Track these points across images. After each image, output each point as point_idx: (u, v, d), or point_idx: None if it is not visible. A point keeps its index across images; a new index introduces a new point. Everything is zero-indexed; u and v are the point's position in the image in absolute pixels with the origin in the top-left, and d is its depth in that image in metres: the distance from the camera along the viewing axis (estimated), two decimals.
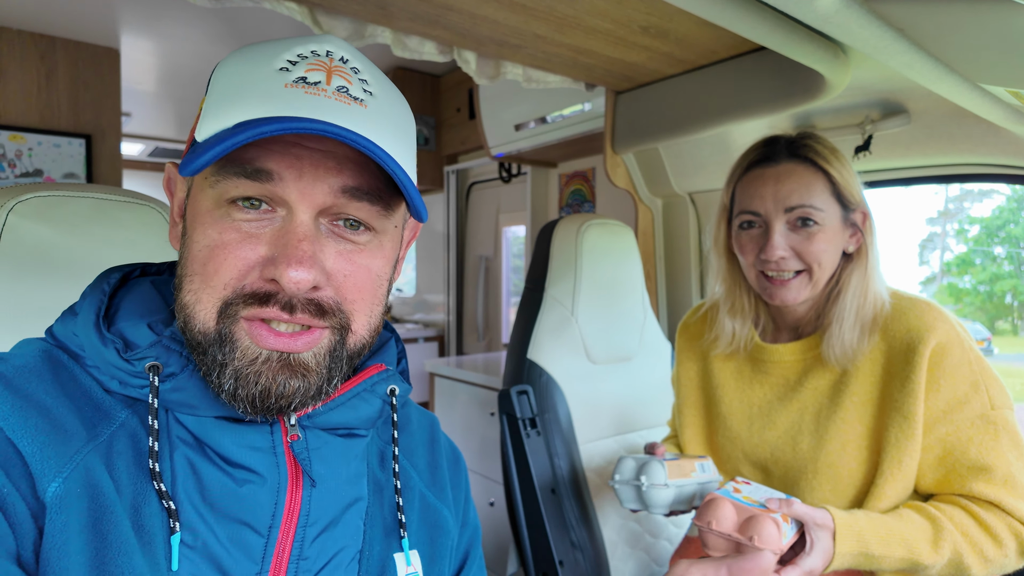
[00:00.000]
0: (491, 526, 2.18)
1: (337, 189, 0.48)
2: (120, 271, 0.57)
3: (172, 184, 0.57)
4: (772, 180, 0.98)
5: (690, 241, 1.80)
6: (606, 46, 1.31)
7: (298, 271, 0.46)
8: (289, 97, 0.46)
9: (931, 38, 0.77)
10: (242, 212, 0.48)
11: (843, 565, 0.86)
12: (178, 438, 0.51)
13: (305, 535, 0.52)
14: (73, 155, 2.66)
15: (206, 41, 2.71)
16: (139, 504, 0.47)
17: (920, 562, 0.86)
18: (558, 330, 1.39)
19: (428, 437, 0.70)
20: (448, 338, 3.37)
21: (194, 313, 0.49)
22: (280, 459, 0.52)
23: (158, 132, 4.21)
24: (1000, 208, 7.44)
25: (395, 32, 1.25)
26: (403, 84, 3.14)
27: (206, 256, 0.48)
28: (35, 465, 0.44)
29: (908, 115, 1.26)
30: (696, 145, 1.63)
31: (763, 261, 0.99)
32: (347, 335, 0.52)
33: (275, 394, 0.48)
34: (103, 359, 0.50)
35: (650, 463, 0.98)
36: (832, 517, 0.86)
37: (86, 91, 2.69)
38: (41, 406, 0.47)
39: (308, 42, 0.50)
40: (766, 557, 0.79)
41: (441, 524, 0.65)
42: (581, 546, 1.26)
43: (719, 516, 0.84)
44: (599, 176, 2.57)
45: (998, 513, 0.88)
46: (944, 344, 0.92)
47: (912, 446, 0.91)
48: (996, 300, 7.64)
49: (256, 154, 0.47)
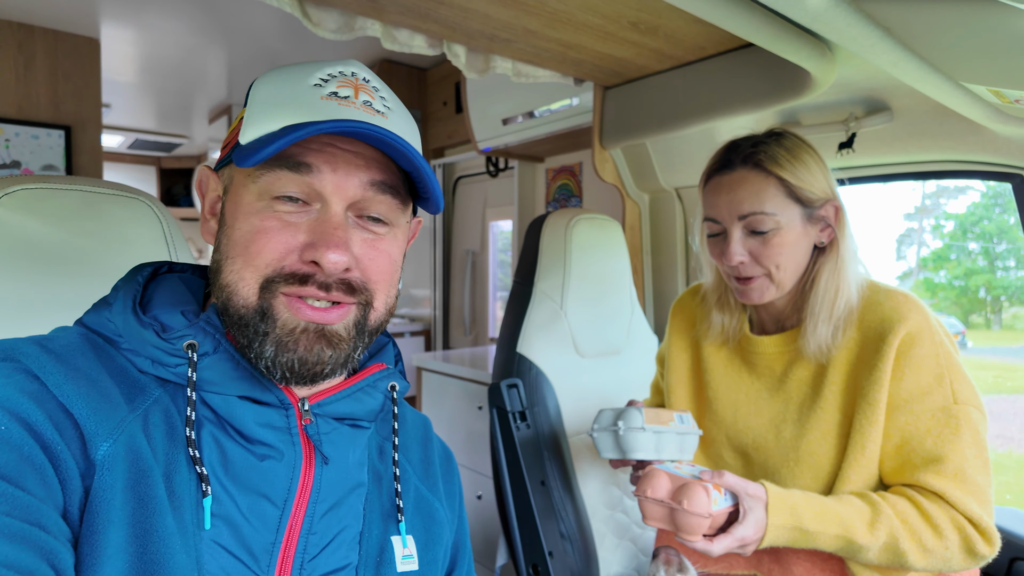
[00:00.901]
0: (479, 519, 2.19)
1: (366, 183, 0.56)
2: (151, 266, 0.63)
3: (204, 185, 0.63)
4: (726, 188, 1.01)
5: (676, 236, 1.82)
6: (595, 41, 1.32)
7: (336, 253, 0.53)
8: (325, 107, 0.55)
9: (916, 37, 0.79)
10: (283, 204, 0.55)
11: (780, 539, 0.89)
12: (204, 417, 0.55)
13: (315, 511, 0.58)
14: (52, 147, 2.60)
15: (188, 32, 2.67)
16: (171, 472, 0.52)
17: (854, 541, 0.88)
18: (547, 324, 1.40)
19: (422, 436, 0.76)
20: (434, 332, 3.37)
21: (237, 290, 0.55)
22: (296, 439, 0.58)
23: (139, 124, 4.14)
24: (975, 204, 7.59)
25: (385, 25, 1.25)
26: (389, 77, 3.11)
27: (249, 240, 0.54)
28: (88, 427, 0.49)
29: (891, 112, 1.29)
30: (683, 140, 1.64)
31: (726, 265, 1.02)
32: (369, 311, 0.59)
33: (311, 362, 0.55)
34: (141, 340, 0.55)
35: (627, 409, 1.02)
36: (766, 490, 0.90)
37: (65, 81, 2.64)
38: (89, 377, 0.51)
39: (336, 64, 0.59)
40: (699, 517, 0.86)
41: (434, 515, 0.70)
42: (570, 537, 1.28)
43: (654, 485, 0.91)
44: (586, 171, 2.58)
45: (943, 505, 0.89)
46: (913, 334, 0.93)
47: (874, 433, 0.93)
48: (970, 295, 7.81)
49: (297, 152, 0.54)
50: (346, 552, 0.59)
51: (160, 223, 0.90)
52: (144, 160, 4.90)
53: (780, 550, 1.01)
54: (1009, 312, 7.65)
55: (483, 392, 2.15)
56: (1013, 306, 7.55)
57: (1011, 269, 7.38)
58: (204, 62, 3.08)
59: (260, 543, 0.54)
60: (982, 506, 0.88)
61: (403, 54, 3.03)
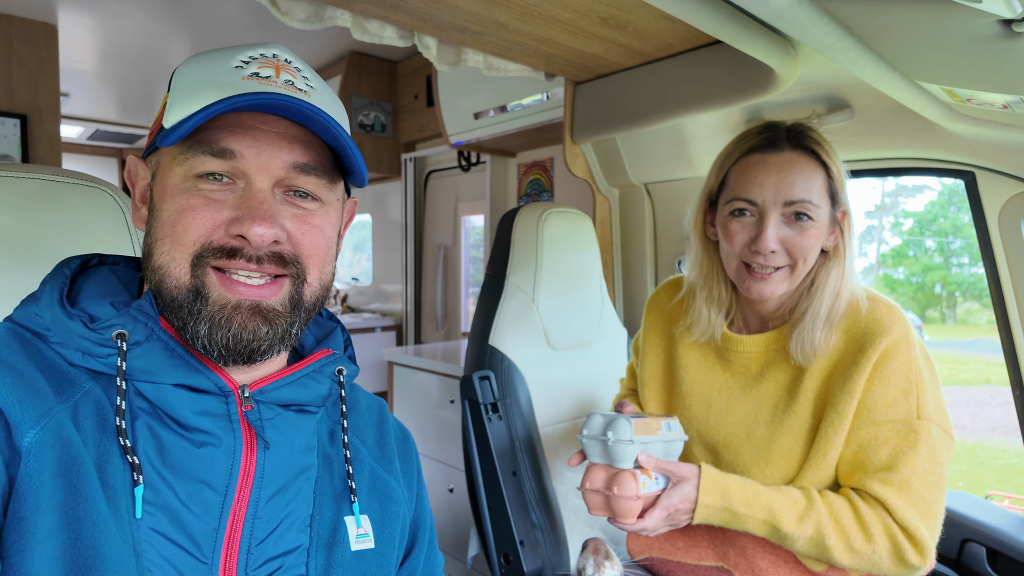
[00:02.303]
0: (451, 512, 2.19)
1: (289, 165, 0.56)
2: (79, 259, 0.61)
3: (133, 174, 0.63)
4: (775, 169, 0.94)
5: (645, 230, 1.84)
6: (566, 36, 1.33)
7: (262, 227, 0.53)
8: (246, 86, 0.55)
9: (875, 36, 0.81)
10: (207, 183, 0.55)
11: (710, 518, 0.95)
12: (138, 408, 0.55)
13: (260, 496, 0.58)
14: (7, 135, 2.51)
15: (150, 19, 2.60)
16: (103, 463, 0.51)
17: (780, 529, 0.91)
18: (519, 317, 1.41)
19: (377, 418, 0.76)
20: (406, 327, 3.36)
21: (168, 271, 0.54)
22: (235, 425, 0.57)
23: (99, 114, 4.02)
24: (931, 203, 7.84)
25: (355, 15, 1.23)
26: (359, 69, 3.08)
27: (175, 219, 0.54)
28: (13, 416, 0.48)
29: (851, 110, 1.32)
30: (652, 137, 1.67)
31: (752, 252, 0.96)
32: (303, 286, 0.59)
33: (246, 339, 0.55)
34: (69, 332, 0.54)
35: (617, 420, 1.00)
36: (700, 471, 0.97)
37: (21, 68, 2.55)
38: (16, 368, 0.51)
39: (256, 47, 0.59)
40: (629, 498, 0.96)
41: (390, 494, 0.70)
42: (541, 526, 1.29)
43: (592, 478, 1.01)
44: (557, 166, 2.59)
45: (880, 511, 0.90)
46: (892, 346, 0.92)
47: (838, 441, 0.94)
48: (927, 290, 8.07)
49: (220, 135, 0.54)
50: (295, 535, 0.60)
51: (122, 213, 0.88)
52: (105, 151, 4.76)
53: (745, 543, 1.03)
54: (963, 307, 7.96)
55: (455, 386, 2.15)
56: (967, 301, 7.85)
57: (965, 266, 7.67)
58: (167, 51, 3.00)
59: (202, 529, 0.54)
60: (922, 519, 0.88)
61: (373, 46, 3.00)
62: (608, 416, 1.03)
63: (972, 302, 7.77)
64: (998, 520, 1.24)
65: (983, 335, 7.41)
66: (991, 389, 6.19)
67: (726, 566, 1.06)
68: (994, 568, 1.20)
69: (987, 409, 5.94)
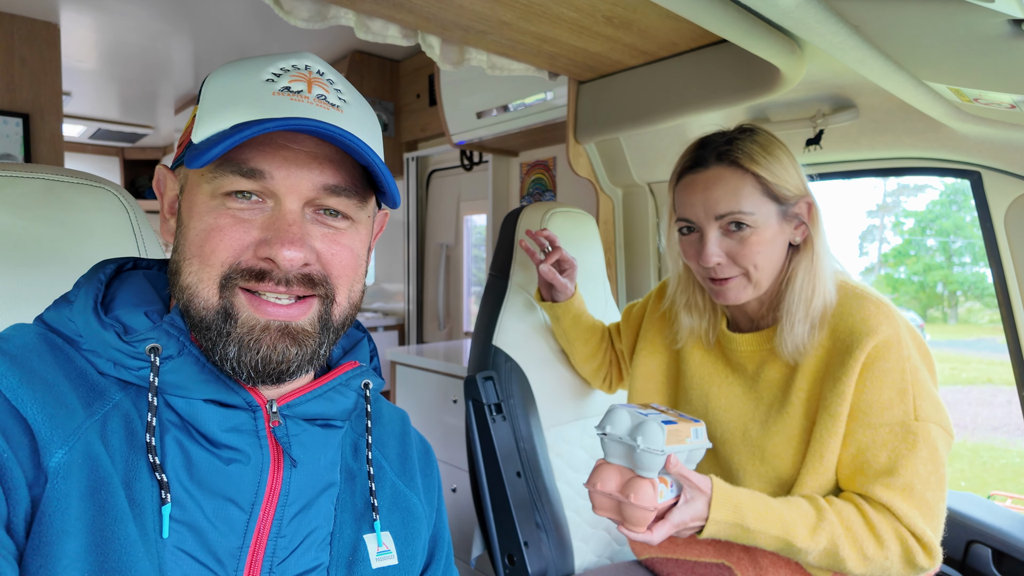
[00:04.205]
0: (454, 512, 2.19)
1: (319, 186, 0.55)
2: (114, 263, 0.61)
3: (162, 184, 0.62)
4: (701, 187, 0.98)
5: (649, 230, 1.84)
6: (570, 35, 1.33)
7: (291, 250, 0.52)
8: (277, 103, 0.53)
9: (883, 35, 0.81)
10: (235, 201, 0.54)
11: (720, 533, 0.91)
12: (168, 421, 0.54)
13: (284, 514, 0.57)
14: (9, 135, 2.51)
15: (152, 19, 2.60)
16: (130, 479, 0.50)
17: (794, 544, 0.89)
18: (523, 317, 1.41)
19: (399, 431, 0.75)
20: (408, 327, 3.35)
21: (196, 292, 0.54)
22: (263, 441, 0.56)
23: (101, 113, 4.02)
24: (933, 203, 7.82)
25: (358, 14, 1.23)
26: (362, 68, 3.08)
27: (203, 239, 0.53)
28: (42, 434, 0.47)
29: (857, 110, 1.32)
30: (656, 136, 1.66)
31: (700, 266, 1.00)
32: (332, 306, 0.58)
33: (275, 360, 0.54)
34: (102, 341, 0.53)
35: (648, 424, 0.88)
36: (712, 485, 0.91)
37: (23, 67, 2.54)
38: (46, 381, 0.50)
39: (288, 58, 0.57)
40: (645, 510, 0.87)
41: (411, 509, 0.69)
42: (545, 527, 1.29)
43: (603, 478, 0.91)
44: (560, 165, 2.59)
45: (888, 516, 0.89)
46: (880, 347, 0.92)
47: (833, 444, 0.93)
48: (928, 290, 8.05)
49: (249, 155, 0.53)
50: (316, 553, 0.59)
51: (127, 213, 0.88)
52: (107, 151, 4.76)
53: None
54: (964, 306, 7.95)
55: (457, 386, 2.15)
56: (968, 300, 7.85)
57: (967, 265, 7.66)
58: (169, 50, 3.00)
59: (226, 548, 0.53)
60: (927, 521, 0.89)
61: (376, 45, 3.00)
62: (635, 415, 0.92)
63: (974, 301, 7.76)
64: (1003, 521, 1.24)
65: (985, 334, 7.41)
66: (993, 388, 6.19)
67: (727, 563, 1.06)
68: (999, 569, 1.20)
69: (989, 409, 5.94)
